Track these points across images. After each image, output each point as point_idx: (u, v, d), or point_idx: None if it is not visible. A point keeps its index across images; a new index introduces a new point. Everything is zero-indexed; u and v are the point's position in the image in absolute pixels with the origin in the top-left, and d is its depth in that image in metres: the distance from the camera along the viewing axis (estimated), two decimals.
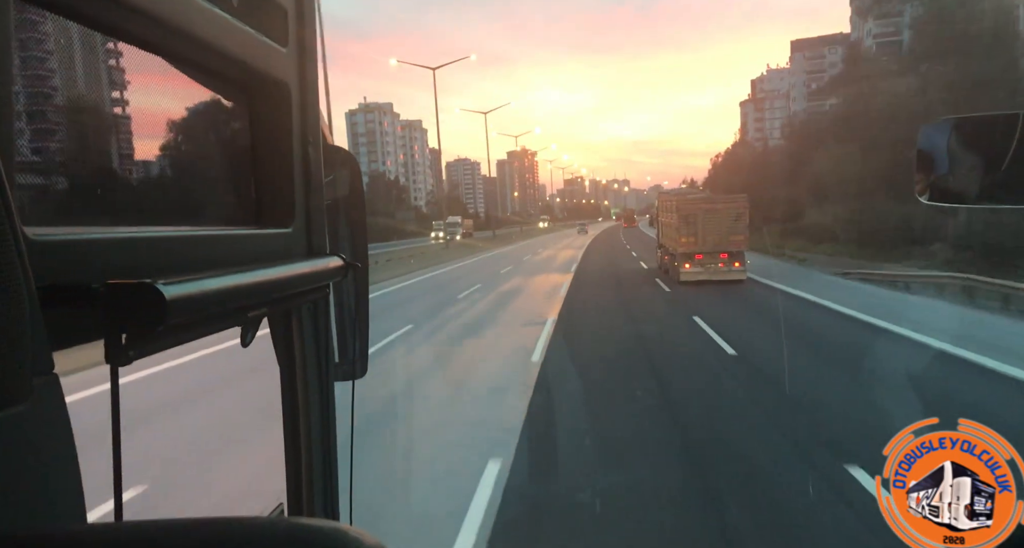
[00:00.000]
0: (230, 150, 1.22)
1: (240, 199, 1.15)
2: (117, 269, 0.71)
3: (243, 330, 0.93)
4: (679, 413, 8.73)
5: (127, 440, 0.71)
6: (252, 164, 1.12)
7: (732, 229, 22.39)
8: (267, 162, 1.12)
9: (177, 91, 0.99)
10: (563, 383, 10.29)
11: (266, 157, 1.12)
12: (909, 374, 9.41)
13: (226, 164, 1.20)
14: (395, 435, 8.06)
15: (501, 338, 14.25)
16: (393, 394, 9.72)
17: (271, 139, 1.11)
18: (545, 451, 7.18)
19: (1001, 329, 13.68)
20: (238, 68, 1.01)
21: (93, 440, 0.81)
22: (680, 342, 13.39)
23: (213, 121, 1.16)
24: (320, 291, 1.18)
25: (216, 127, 1.19)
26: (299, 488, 1.28)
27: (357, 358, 1.40)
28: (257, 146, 1.12)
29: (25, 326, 0.52)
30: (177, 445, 7.01)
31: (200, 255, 0.89)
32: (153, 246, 0.82)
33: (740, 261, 22.40)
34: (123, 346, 0.67)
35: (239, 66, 1.00)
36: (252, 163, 1.12)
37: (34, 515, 0.58)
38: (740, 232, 22.55)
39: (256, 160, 1.12)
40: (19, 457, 0.56)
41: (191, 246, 0.89)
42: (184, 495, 5.74)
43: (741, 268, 22.39)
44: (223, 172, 1.19)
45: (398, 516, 5.62)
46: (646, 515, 5.49)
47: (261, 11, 1.04)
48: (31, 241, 0.60)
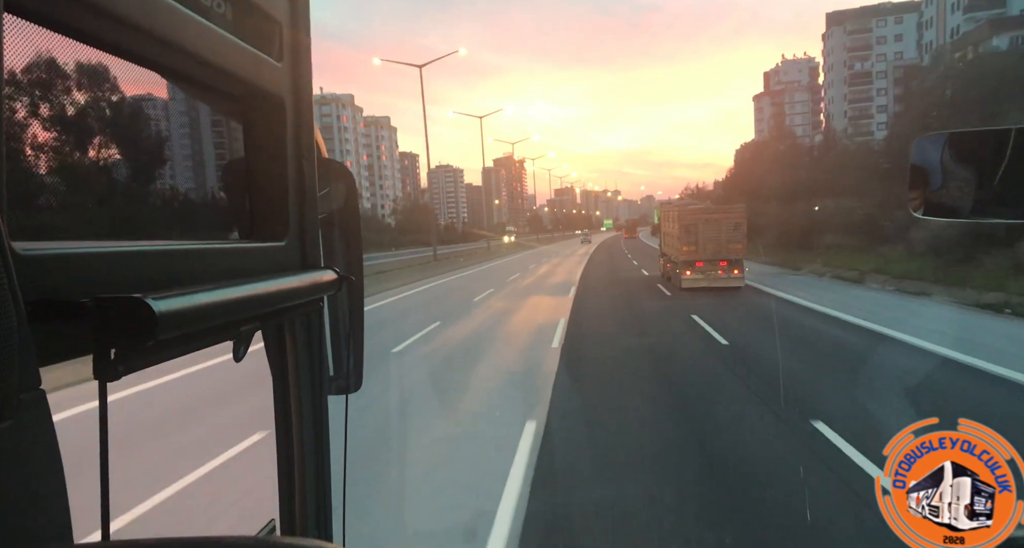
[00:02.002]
0: (224, 164, 1.21)
1: (234, 212, 1.15)
2: (107, 284, 0.71)
3: (235, 344, 0.92)
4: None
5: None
6: (246, 177, 1.12)
7: (731, 238, 23.41)
8: (261, 175, 1.12)
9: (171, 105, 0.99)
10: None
11: (260, 170, 1.12)
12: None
13: (220, 178, 1.20)
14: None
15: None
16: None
17: (265, 152, 1.11)
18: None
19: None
20: (232, 82, 1.01)
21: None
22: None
23: (207, 135, 1.16)
24: (314, 304, 1.17)
25: (210, 141, 1.18)
26: (292, 504, 1.27)
27: (351, 372, 1.39)
28: (251, 159, 1.12)
29: (12, 341, 0.51)
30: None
31: (192, 269, 0.88)
32: (144, 260, 0.81)
33: (739, 268, 23.47)
34: (112, 361, 0.66)
35: (233, 80, 1.00)
36: (246, 176, 1.12)
37: (19, 535, 0.56)
38: (738, 240, 23.55)
39: (250, 173, 1.12)
40: (4, 474, 0.55)
41: (183, 260, 0.89)
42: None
43: (740, 275, 23.49)
44: (217, 185, 1.19)
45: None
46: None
47: (255, 25, 1.04)
48: (19, 256, 0.59)
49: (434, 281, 33.94)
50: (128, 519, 5.36)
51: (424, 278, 35.85)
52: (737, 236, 23.52)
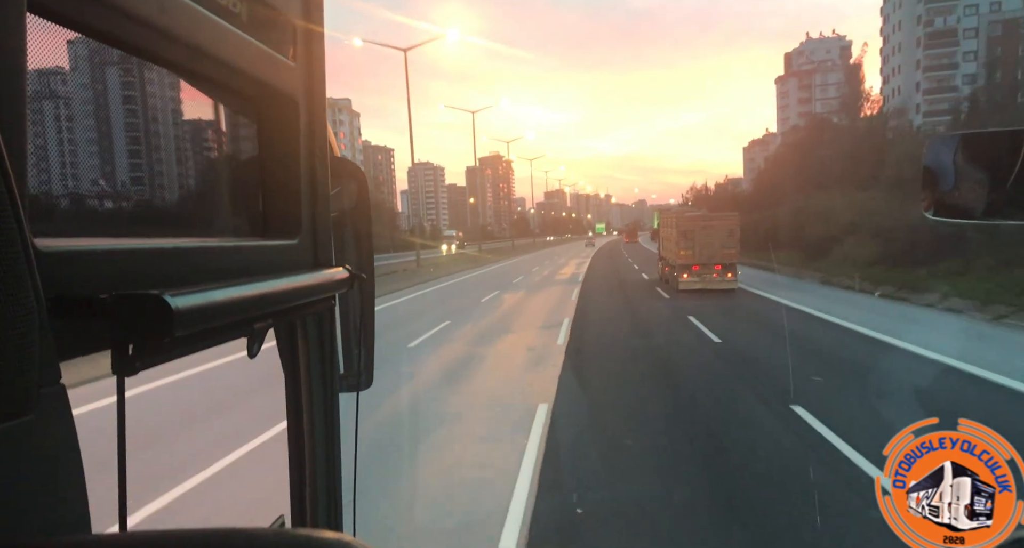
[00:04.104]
0: (238, 162, 1.22)
1: (247, 211, 1.16)
2: (125, 280, 0.72)
3: (249, 341, 0.93)
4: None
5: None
6: (260, 176, 1.13)
7: (725, 244, 24.98)
8: (274, 174, 1.13)
9: (186, 104, 1.00)
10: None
11: (273, 169, 1.13)
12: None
13: (234, 176, 1.21)
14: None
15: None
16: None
17: (278, 151, 1.12)
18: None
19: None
20: (247, 82, 1.02)
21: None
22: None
23: (222, 134, 1.17)
24: (326, 302, 1.18)
25: (224, 140, 1.19)
26: (303, 500, 1.27)
27: (362, 369, 1.40)
28: (265, 158, 1.13)
29: (33, 336, 0.52)
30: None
31: (207, 266, 0.89)
32: (160, 257, 0.82)
33: (733, 272, 25.00)
34: (130, 357, 0.67)
35: (248, 80, 1.01)
36: (260, 175, 1.13)
37: (39, 526, 0.58)
38: (732, 246, 25.07)
39: (263, 172, 1.13)
40: (25, 467, 0.56)
41: (198, 257, 0.90)
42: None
43: (733, 278, 25.05)
44: (231, 184, 1.20)
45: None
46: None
47: (270, 26, 1.05)
48: (40, 252, 0.60)
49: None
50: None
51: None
52: (731, 242, 25.05)
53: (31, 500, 0.56)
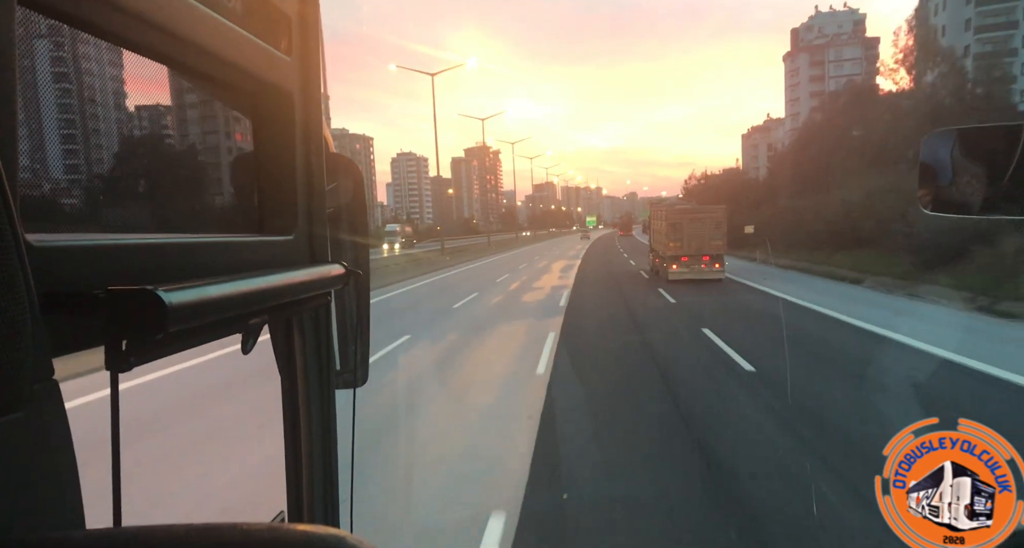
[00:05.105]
0: (233, 158, 1.21)
1: (242, 206, 1.14)
2: (118, 276, 0.71)
3: (244, 337, 0.92)
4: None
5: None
6: (255, 172, 1.12)
7: (712, 235, 25.71)
8: (270, 170, 1.12)
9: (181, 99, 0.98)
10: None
11: (269, 165, 1.11)
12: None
13: (229, 172, 1.19)
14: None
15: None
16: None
17: (274, 147, 1.11)
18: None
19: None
20: (242, 77, 1.00)
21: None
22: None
23: (217, 129, 1.15)
24: (321, 298, 1.17)
25: (219, 135, 1.18)
26: (300, 496, 1.27)
27: (358, 366, 1.39)
28: (260, 154, 1.12)
29: (26, 332, 0.52)
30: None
31: (202, 262, 0.89)
32: (155, 253, 0.81)
33: (720, 263, 25.77)
34: (123, 352, 0.66)
35: (243, 75, 1.00)
36: (255, 171, 1.12)
37: (33, 521, 0.57)
38: (719, 238, 25.81)
39: (259, 168, 1.12)
40: (18, 463, 0.56)
41: (193, 253, 0.89)
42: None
43: (720, 269, 25.87)
44: (226, 180, 1.19)
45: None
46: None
47: (266, 21, 1.04)
48: (33, 247, 0.59)
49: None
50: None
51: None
52: (718, 234, 25.75)
53: (25, 495, 0.56)
